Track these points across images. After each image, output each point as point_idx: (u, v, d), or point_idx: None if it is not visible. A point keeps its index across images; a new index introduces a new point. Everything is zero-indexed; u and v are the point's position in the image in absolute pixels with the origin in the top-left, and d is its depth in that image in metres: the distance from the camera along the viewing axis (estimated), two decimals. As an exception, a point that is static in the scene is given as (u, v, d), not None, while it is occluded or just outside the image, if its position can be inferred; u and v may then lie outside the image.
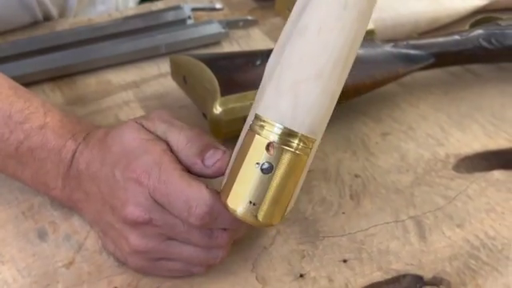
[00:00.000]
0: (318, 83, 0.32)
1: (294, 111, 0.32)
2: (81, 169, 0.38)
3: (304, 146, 0.33)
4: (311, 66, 0.33)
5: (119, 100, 0.52)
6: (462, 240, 0.41)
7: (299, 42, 0.33)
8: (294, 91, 0.33)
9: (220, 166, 0.35)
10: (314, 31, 0.33)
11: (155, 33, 0.59)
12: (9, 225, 0.41)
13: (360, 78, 0.49)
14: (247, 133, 0.34)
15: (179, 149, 0.36)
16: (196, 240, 0.35)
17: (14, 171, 0.40)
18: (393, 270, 0.39)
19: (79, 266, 0.38)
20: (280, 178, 0.32)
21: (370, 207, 0.43)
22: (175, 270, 0.37)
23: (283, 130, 0.32)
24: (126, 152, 0.35)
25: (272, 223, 0.33)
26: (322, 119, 0.34)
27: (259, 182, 0.32)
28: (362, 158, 0.47)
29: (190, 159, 0.36)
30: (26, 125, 0.39)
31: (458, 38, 0.53)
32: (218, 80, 0.46)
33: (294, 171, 0.33)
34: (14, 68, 0.53)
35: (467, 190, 0.45)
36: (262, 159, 0.32)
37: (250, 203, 0.32)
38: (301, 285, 0.37)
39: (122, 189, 0.35)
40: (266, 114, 0.33)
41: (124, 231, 0.36)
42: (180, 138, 0.36)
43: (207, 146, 0.36)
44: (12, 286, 0.37)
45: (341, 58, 0.33)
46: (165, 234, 0.35)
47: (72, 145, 0.38)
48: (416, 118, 0.51)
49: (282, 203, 0.33)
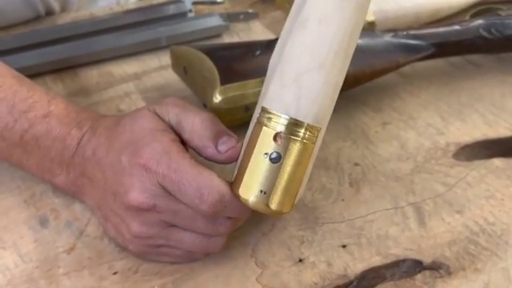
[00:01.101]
0: (320, 74, 0.33)
1: (299, 102, 0.33)
2: (87, 155, 0.38)
3: (310, 134, 0.34)
4: (313, 57, 0.33)
5: (121, 91, 0.53)
6: (462, 226, 0.41)
7: (300, 34, 0.34)
8: (298, 83, 0.33)
9: (232, 153, 0.36)
10: (314, 23, 0.34)
11: (156, 26, 0.59)
12: (11, 212, 0.41)
13: (360, 67, 0.49)
14: (255, 125, 0.35)
15: (193, 130, 0.36)
16: (199, 227, 0.36)
17: (19, 159, 0.40)
18: (392, 254, 0.39)
19: (80, 251, 0.38)
20: (288, 167, 0.33)
21: (369, 194, 0.43)
22: (176, 256, 0.37)
23: (289, 121, 0.33)
24: (134, 140, 0.36)
25: (283, 211, 0.34)
26: (326, 108, 0.34)
27: (269, 172, 0.33)
28: (362, 147, 0.47)
29: (203, 141, 0.36)
30: (30, 113, 0.39)
31: (459, 27, 0.53)
32: (217, 69, 0.46)
33: (301, 159, 0.34)
34: (17, 60, 0.53)
35: (467, 178, 0.45)
36: (270, 149, 0.33)
37: (261, 192, 0.33)
38: (300, 269, 0.38)
39: (128, 175, 0.35)
40: (272, 106, 0.34)
41: (126, 217, 0.36)
42: (195, 120, 0.36)
43: (221, 132, 0.36)
44: (14, 270, 0.37)
45: (341, 48, 0.34)
46: (167, 221, 0.36)
47: (77, 132, 0.39)
48: (416, 108, 0.52)
49: (291, 191, 0.34)
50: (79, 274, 0.37)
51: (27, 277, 0.37)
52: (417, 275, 0.38)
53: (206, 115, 0.37)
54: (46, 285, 0.36)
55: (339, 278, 0.37)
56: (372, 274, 0.38)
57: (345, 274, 0.37)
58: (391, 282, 0.37)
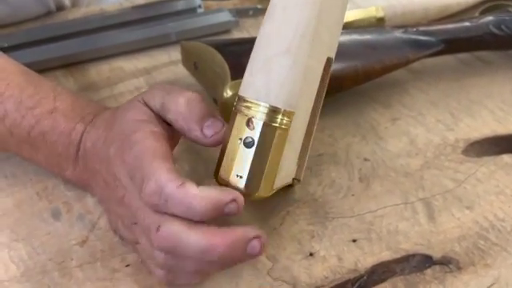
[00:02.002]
0: (287, 57, 0.34)
1: (268, 86, 0.35)
2: (87, 148, 0.39)
3: (283, 119, 0.35)
4: (279, 41, 0.35)
5: (131, 86, 0.53)
6: (472, 221, 0.41)
7: (268, 21, 0.36)
8: (267, 67, 0.35)
9: (218, 138, 0.36)
10: (279, 9, 0.35)
11: (166, 21, 0.60)
12: (24, 205, 0.41)
13: (370, 63, 0.49)
14: (232, 113, 0.36)
15: (178, 111, 0.36)
16: (142, 227, 0.34)
17: (29, 154, 0.41)
18: (402, 249, 0.39)
19: (93, 244, 0.39)
20: (262, 151, 0.34)
21: (379, 190, 0.43)
22: (142, 257, 0.36)
23: (261, 106, 0.34)
24: (121, 132, 0.36)
25: (261, 195, 0.35)
26: (298, 92, 0.35)
27: (243, 156, 0.35)
28: (372, 143, 0.47)
29: (188, 124, 0.36)
30: (37, 110, 0.39)
31: (468, 24, 0.53)
32: (228, 64, 0.46)
33: (275, 143, 0.35)
34: (28, 55, 0.54)
35: (476, 174, 0.45)
36: (244, 134, 0.35)
37: (238, 176, 0.35)
38: (311, 263, 0.38)
39: (113, 165, 0.36)
40: (244, 93, 0.35)
41: (115, 208, 0.37)
42: (179, 100, 0.36)
43: (207, 113, 0.36)
44: (28, 262, 0.38)
45: (308, 32, 0.35)
46: (132, 216, 0.35)
47: (81, 127, 0.39)
48: (426, 104, 0.52)
49: (268, 175, 0.35)
50: (92, 266, 0.37)
51: (41, 268, 0.37)
52: (427, 270, 0.38)
53: (191, 95, 0.36)
54: (60, 277, 0.37)
55: (350, 272, 0.38)
56: (382, 268, 0.38)
57: (355, 269, 0.38)
58: (401, 277, 0.37)
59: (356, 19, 0.58)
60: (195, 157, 0.44)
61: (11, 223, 0.40)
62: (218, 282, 0.37)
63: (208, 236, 0.32)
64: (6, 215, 0.41)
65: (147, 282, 0.37)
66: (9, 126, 0.39)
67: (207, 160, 0.45)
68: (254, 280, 0.37)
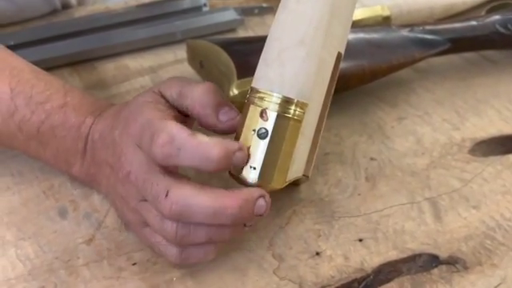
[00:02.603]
0: (300, 49, 0.35)
1: (282, 78, 0.35)
2: (95, 139, 0.39)
3: (297, 110, 0.35)
4: (293, 34, 0.35)
5: (137, 85, 0.53)
6: (478, 221, 0.41)
7: (282, 14, 0.36)
8: (280, 59, 0.35)
9: (232, 124, 0.36)
10: (293, 2, 0.35)
11: (171, 20, 0.60)
12: (30, 203, 0.41)
13: (376, 62, 0.49)
14: (244, 105, 0.36)
15: (195, 97, 0.36)
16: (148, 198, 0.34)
17: (37, 152, 0.41)
18: (408, 249, 0.39)
19: (99, 242, 0.39)
20: (276, 142, 0.35)
21: (385, 189, 0.43)
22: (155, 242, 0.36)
23: (275, 97, 0.35)
24: (127, 113, 0.37)
25: (275, 187, 0.35)
26: (311, 84, 0.36)
27: (257, 147, 0.35)
28: (378, 142, 0.47)
29: (205, 109, 0.36)
30: (47, 104, 0.40)
31: (475, 23, 0.53)
32: (234, 63, 0.46)
33: (289, 135, 0.35)
34: (34, 53, 0.54)
35: (483, 173, 0.45)
36: (257, 126, 0.35)
37: (251, 168, 0.35)
38: (317, 262, 0.38)
39: (118, 145, 0.36)
40: (258, 84, 0.36)
41: (121, 191, 0.36)
42: (197, 88, 0.36)
43: (223, 102, 0.37)
44: (34, 260, 0.38)
45: (321, 25, 0.35)
46: (139, 192, 0.35)
47: (90, 120, 0.40)
48: (432, 104, 0.52)
49: (281, 167, 0.35)
50: (98, 264, 0.37)
51: (47, 267, 0.37)
52: (433, 270, 0.38)
53: (209, 85, 0.37)
54: (66, 275, 0.37)
55: (356, 271, 0.37)
56: (388, 267, 0.38)
57: (362, 268, 0.38)
58: (408, 276, 0.37)
59: (362, 18, 0.57)
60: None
61: (18, 221, 0.40)
62: (225, 281, 0.37)
63: (218, 197, 0.33)
64: (13, 213, 0.41)
65: (154, 280, 0.37)
66: (18, 121, 0.39)
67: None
68: (260, 279, 0.37)
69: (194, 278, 0.37)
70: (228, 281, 0.37)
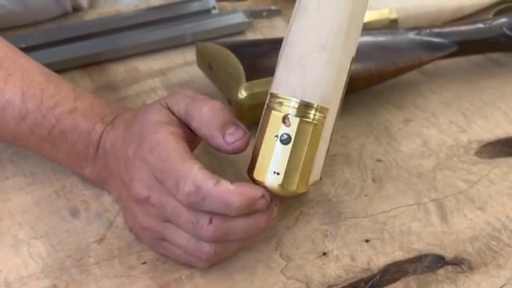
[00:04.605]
0: (322, 55, 0.35)
1: (303, 84, 0.35)
2: (107, 148, 0.39)
3: (318, 114, 0.35)
4: (315, 39, 0.35)
5: (147, 87, 0.54)
6: (484, 222, 0.41)
7: (302, 19, 0.36)
8: (302, 65, 0.35)
9: (239, 145, 0.36)
10: (313, 7, 0.36)
11: (181, 22, 0.60)
12: (42, 203, 0.42)
13: (383, 64, 0.49)
14: (265, 110, 0.37)
15: (201, 119, 0.36)
16: (183, 225, 0.35)
17: (50, 153, 0.42)
18: (414, 249, 0.39)
19: (110, 241, 0.39)
20: (299, 147, 0.35)
21: (392, 190, 0.44)
22: (176, 254, 0.37)
23: (296, 102, 0.35)
24: (141, 132, 0.37)
25: (298, 191, 0.35)
26: (332, 89, 0.36)
27: (280, 153, 0.35)
28: (385, 144, 0.48)
29: (211, 131, 0.36)
30: (57, 109, 0.40)
31: (482, 26, 0.54)
32: (243, 66, 0.47)
33: (311, 139, 0.35)
34: (45, 56, 0.54)
35: (489, 175, 0.45)
36: (280, 131, 0.35)
37: (275, 173, 0.35)
38: (324, 262, 0.38)
39: (131, 165, 0.36)
40: (279, 90, 0.36)
41: (133, 207, 0.37)
42: (203, 109, 0.37)
43: (229, 122, 0.37)
44: (47, 259, 0.38)
45: (342, 30, 0.36)
46: (161, 215, 0.36)
47: (100, 127, 0.40)
48: (439, 106, 0.52)
49: (304, 171, 0.35)
50: (109, 263, 0.38)
51: (59, 265, 0.38)
52: (439, 270, 0.38)
53: (215, 104, 0.37)
54: (78, 273, 0.38)
55: (363, 271, 0.38)
56: (395, 268, 0.38)
57: (368, 268, 0.38)
58: (414, 277, 0.38)
59: (369, 21, 0.58)
60: (210, 158, 0.45)
61: (31, 221, 0.41)
62: (233, 280, 0.37)
63: (252, 216, 0.35)
64: (26, 213, 0.41)
65: (163, 278, 0.37)
66: (30, 125, 0.40)
67: (222, 161, 0.45)
68: (268, 278, 0.38)
69: (203, 276, 0.38)
70: (236, 280, 0.37)
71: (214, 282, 0.37)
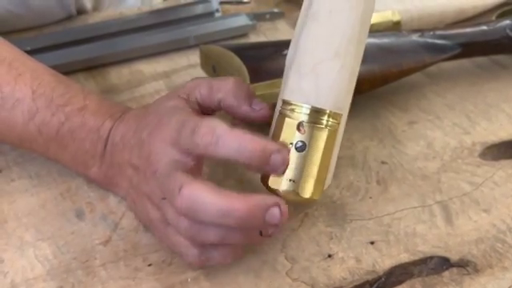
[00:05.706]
0: (335, 62, 0.35)
1: (317, 90, 0.35)
2: (115, 142, 0.40)
3: (332, 121, 0.35)
4: (327, 46, 0.35)
5: (151, 89, 0.54)
6: (489, 224, 0.41)
7: (313, 26, 0.36)
8: (315, 72, 0.35)
9: (265, 113, 0.38)
10: (325, 14, 0.36)
11: (184, 25, 0.61)
12: (48, 205, 0.42)
13: (387, 66, 0.50)
14: (278, 118, 0.36)
15: (228, 89, 0.38)
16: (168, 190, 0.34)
17: (55, 154, 0.42)
18: (419, 251, 0.39)
19: (115, 243, 0.40)
20: (314, 154, 0.35)
21: (396, 192, 0.44)
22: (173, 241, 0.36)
23: (311, 109, 0.35)
24: (156, 116, 0.38)
25: (313, 198, 0.36)
26: (344, 95, 0.36)
27: (295, 161, 0.35)
28: (389, 146, 0.48)
29: (238, 100, 0.38)
30: (67, 107, 0.41)
31: (485, 28, 0.54)
32: (246, 68, 0.47)
33: (326, 146, 0.35)
34: (50, 58, 0.54)
35: (493, 177, 0.45)
36: (294, 139, 0.35)
37: (290, 181, 0.35)
38: (329, 264, 0.38)
39: (147, 145, 0.37)
40: (292, 97, 0.36)
41: (144, 190, 0.37)
42: (229, 81, 0.38)
43: (253, 94, 0.38)
44: (53, 261, 0.39)
45: (354, 36, 0.36)
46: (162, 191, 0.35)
47: (109, 123, 0.41)
48: (443, 108, 0.52)
49: (319, 178, 0.35)
50: (115, 265, 0.38)
51: (65, 267, 0.38)
52: (444, 272, 0.38)
53: (238, 78, 0.39)
54: (84, 275, 0.38)
55: (368, 273, 0.38)
56: (400, 270, 0.38)
57: (373, 270, 0.38)
58: (419, 279, 0.38)
59: (373, 23, 0.58)
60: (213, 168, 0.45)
61: (36, 223, 0.41)
62: (239, 283, 0.37)
63: (228, 198, 0.33)
64: (31, 215, 0.42)
65: (169, 280, 0.37)
66: (38, 124, 0.40)
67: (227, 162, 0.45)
68: (273, 280, 0.38)
69: (208, 278, 0.38)
70: (242, 282, 0.38)
71: (219, 284, 0.37)
